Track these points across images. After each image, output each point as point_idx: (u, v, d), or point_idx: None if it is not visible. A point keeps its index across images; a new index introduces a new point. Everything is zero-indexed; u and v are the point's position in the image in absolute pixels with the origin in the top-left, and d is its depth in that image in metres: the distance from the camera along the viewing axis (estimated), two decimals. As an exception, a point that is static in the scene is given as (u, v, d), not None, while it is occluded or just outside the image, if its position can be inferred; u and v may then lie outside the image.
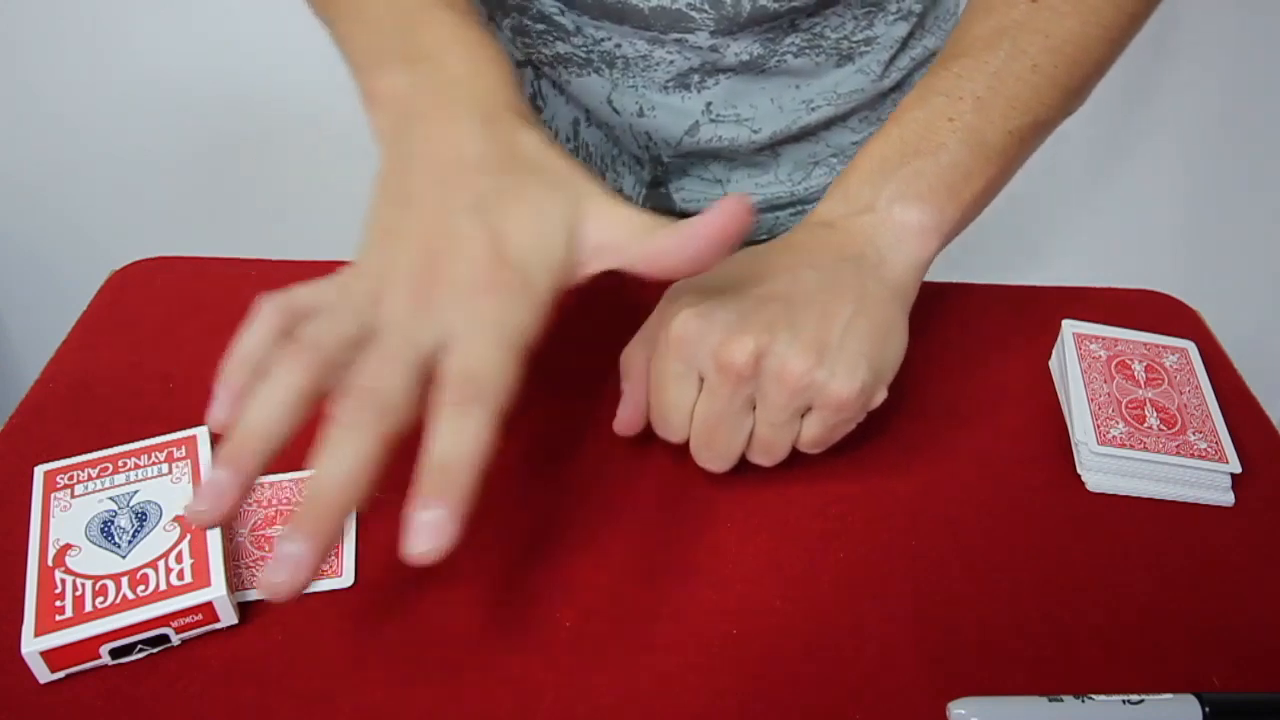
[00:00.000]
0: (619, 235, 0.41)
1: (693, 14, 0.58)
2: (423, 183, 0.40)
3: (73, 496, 0.44)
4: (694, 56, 0.60)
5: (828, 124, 0.66)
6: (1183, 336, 0.55)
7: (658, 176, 0.68)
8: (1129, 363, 0.53)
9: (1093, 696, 0.39)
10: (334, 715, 0.39)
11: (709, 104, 0.63)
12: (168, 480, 0.44)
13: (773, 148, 0.66)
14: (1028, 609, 0.44)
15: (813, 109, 0.64)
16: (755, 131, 0.64)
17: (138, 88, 1.17)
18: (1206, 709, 0.39)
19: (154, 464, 0.45)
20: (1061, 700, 0.39)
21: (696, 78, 0.62)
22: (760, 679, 0.41)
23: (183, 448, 0.46)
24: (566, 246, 0.40)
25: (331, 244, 0.51)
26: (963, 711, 0.39)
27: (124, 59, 1.16)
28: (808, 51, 0.62)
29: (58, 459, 0.46)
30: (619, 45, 0.61)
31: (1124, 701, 0.39)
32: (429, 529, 0.34)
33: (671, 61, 0.61)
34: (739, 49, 0.60)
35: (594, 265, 0.41)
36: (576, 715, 0.40)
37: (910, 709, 0.40)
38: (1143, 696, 0.39)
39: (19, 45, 1.14)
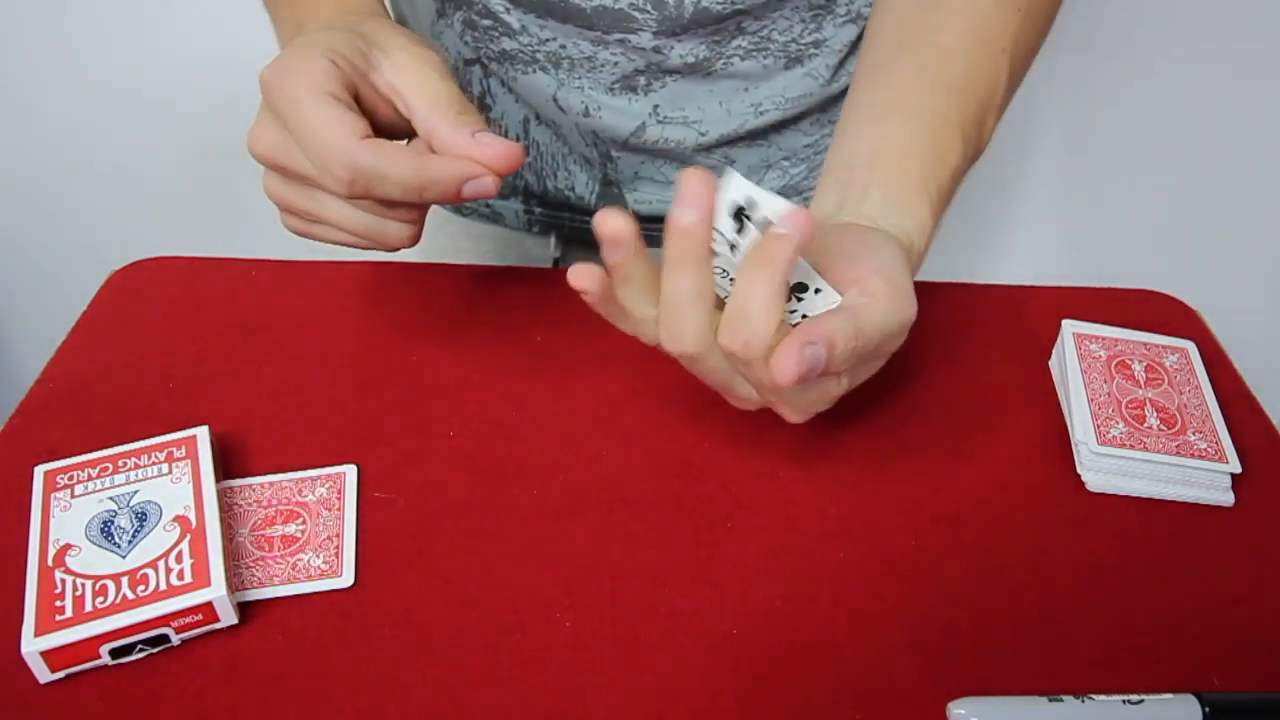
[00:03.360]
0: (408, 87, 0.45)
1: (635, 14, 0.57)
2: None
3: (73, 496, 0.44)
4: (638, 58, 0.60)
5: (778, 127, 0.66)
6: (1183, 336, 0.55)
7: (609, 176, 0.68)
8: (1129, 363, 0.53)
9: (1093, 696, 0.39)
10: (334, 715, 0.39)
11: (656, 106, 0.62)
12: (168, 480, 0.44)
13: (722, 149, 0.66)
14: (1028, 609, 0.44)
15: (761, 112, 0.64)
16: (703, 134, 0.64)
17: (137, 88, 1.17)
18: (1206, 709, 0.39)
19: (154, 464, 0.45)
20: (1061, 700, 0.39)
21: (643, 79, 0.61)
22: (760, 679, 0.41)
23: (183, 448, 0.46)
24: (354, 53, 0.45)
25: (331, 244, 0.51)
26: (963, 711, 0.39)
27: (123, 59, 1.16)
28: (755, 54, 0.61)
29: (58, 459, 0.46)
30: (564, 45, 0.60)
31: (1124, 701, 0.39)
32: None
33: (616, 63, 0.60)
34: (684, 51, 0.59)
35: (382, 86, 0.45)
36: (577, 715, 0.40)
37: (910, 709, 0.40)
38: (1143, 696, 0.39)
39: (19, 45, 1.14)
